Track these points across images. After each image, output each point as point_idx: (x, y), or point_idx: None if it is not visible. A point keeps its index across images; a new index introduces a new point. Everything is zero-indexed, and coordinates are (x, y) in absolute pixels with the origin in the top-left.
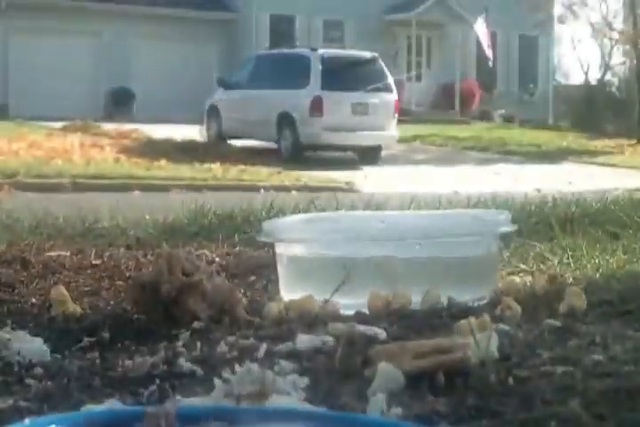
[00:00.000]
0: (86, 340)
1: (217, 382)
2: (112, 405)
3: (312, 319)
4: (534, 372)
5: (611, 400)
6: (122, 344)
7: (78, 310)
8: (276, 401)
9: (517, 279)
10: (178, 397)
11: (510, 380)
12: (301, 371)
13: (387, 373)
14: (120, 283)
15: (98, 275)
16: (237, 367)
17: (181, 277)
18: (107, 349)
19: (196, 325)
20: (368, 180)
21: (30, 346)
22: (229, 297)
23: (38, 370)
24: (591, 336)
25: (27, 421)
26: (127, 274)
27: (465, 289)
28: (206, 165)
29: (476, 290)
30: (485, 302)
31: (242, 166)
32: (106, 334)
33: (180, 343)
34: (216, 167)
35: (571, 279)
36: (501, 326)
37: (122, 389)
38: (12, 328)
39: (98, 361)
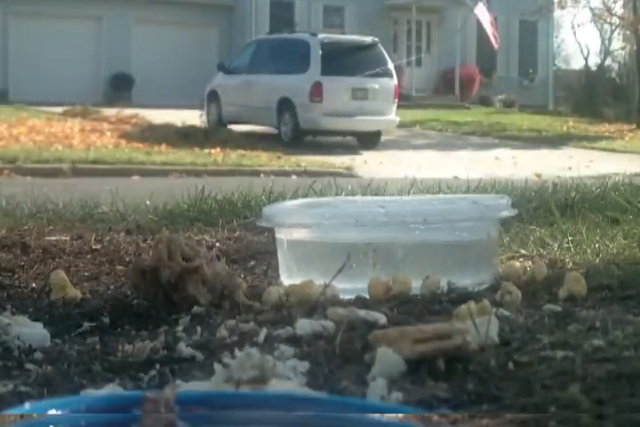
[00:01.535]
0: (86, 324)
1: (217, 366)
2: (112, 390)
3: (312, 304)
4: (534, 357)
5: (610, 386)
6: (122, 329)
7: (78, 294)
8: (276, 385)
9: (517, 264)
10: (178, 382)
11: (510, 365)
12: (301, 356)
13: (387, 358)
14: (120, 268)
15: (98, 260)
16: (237, 352)
17: (181, 263)
18: (107, 333)
19: (195, 309)
20: (367, 165)
21: (30, 331)
22: (229, 282)
23: (38, 355)
24: (591, 321)
25: (27, 405)
26: (127, 259)
27: (465, 274)
28: (206, 150)
29: (476, 275)
30: (485, 286)
31: (242, 151)
32: (106, 319)
33: (180, 328)
34: (216, 152)
35: (571, 264)
36: (501, 310)
37: (122, 373)
38: (12, 313)
39: (98, 346)
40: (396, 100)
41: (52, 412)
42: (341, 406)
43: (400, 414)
